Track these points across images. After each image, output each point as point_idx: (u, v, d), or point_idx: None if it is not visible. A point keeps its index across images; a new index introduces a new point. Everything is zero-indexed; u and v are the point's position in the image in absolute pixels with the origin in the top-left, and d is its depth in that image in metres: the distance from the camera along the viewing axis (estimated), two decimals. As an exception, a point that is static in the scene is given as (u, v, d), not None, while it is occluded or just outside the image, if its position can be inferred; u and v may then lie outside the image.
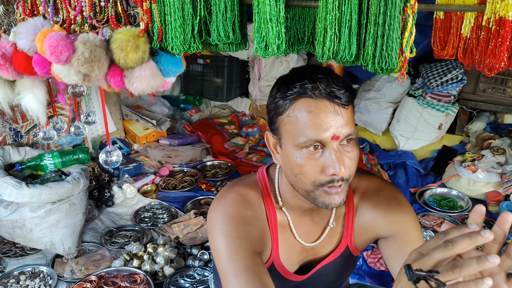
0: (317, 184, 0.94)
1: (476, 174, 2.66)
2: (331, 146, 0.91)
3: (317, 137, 0.90)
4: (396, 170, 3.09)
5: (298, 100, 0.92)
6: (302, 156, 0.93)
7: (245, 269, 0.95)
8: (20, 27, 1.11)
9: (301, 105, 0.91)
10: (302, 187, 0.97)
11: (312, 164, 0.92)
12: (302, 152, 0.92)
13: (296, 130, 0.92)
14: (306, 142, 0.91)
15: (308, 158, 0.92)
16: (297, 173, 0.95)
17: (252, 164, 3.27)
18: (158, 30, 1.03)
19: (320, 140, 0.90)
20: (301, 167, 0.93)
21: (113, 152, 1.33)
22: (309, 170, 0.93)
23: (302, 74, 0.94)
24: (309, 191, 0.96)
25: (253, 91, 3.92)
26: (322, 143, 0.91)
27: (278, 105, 0.95)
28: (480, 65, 0.86)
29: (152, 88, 1.08)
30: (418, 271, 0.59)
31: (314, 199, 0.97)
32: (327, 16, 0.89)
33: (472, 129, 3.22)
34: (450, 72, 3.05)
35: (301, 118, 0.91)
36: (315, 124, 0.90)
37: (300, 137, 0.91)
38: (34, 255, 2.14)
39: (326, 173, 0.92)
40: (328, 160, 0.91)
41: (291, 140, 0.94)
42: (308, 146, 0.92)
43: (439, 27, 0.91)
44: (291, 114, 0.93)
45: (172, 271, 2.03)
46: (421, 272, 0.59)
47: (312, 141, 0.90)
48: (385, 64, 0.89)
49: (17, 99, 1.33)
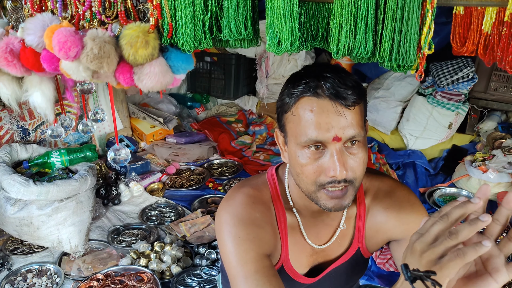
0: (318, 184, 0.92)
1: (487, 174, 2.62)
2: (332, 147, 0.88)
3: (318, 137, 0.88)
4: (405, 169, 3.05)
5: (301, 98, 0.90)
6: (304, 155, 0.91)
7: (254, 271, 0.93)
8: (28, 23, 1.10)
9: (304, 103, 0.90)
10: (305, 187, 0.95)
11: (313, 164, 0.91)
12: (304, 152, 0.91)
13: (298, 129, 0.91)
14: (307, 141, 0.89)
15: (310, 158, 0.90)
16: (299, 173, 0.94)
17: (259, 163, 3.25)
18: (168, 26, 1.00)
19: (321, 141, 0.88)
20: (302, 167, 0.92)
21: (121, 150, 1.32)
22: (309, 170, 0.91)
23: (311, 72, 0.92)
24: (311, 192, 0.94)
25: (260, 89, 3.89)
26: (323, 144, 0.89)
27: (284, 103, 0.94)
28: (501, 62, 0.83)
29: (162, 85, 1.05)
30: (415, 271, 0.60)
31: (316, 200, 0.95)
32: (343, 11, 0.87)
33: (483, 128, 3.17)
34: (461, 71, 3.01)
35: (303, 117, 0.90)
36: (316, 124, 0.88)
37: (302, 136, 0.90)
38: (41, 253, 2.13)
39: (327, 174, 0.89)
40: (329, 162, 0.89)
41: (294, 139, 0.93)
42: (309, 146, 0.90)
43: (458, 23, 0.87)
44: (294, 112, 0.92)
45: (179, 270, 2.01)
46: (418, 272, 0.60)
47: (313, 141, 0.89)
48: (402, 61, 0.86)
49: (25, 96, 1.32)
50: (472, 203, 0.63)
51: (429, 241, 0.64)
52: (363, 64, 3.38)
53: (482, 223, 0.61)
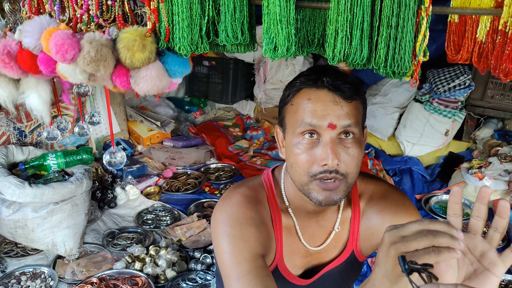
0: (310, 174, 0.93)
1: (483, 182, 2.63)
2: (327, 135, 0.90)
3: (312, 122, 0.90)
4: (402, 176, 3.06)
5: (301, 89, 0.94)
6: (298, 144, 0.93)
7: (248, 271, 0.93)
8: (25, 25, 1.10)
9: (303, 93, 0.94)
10: (298, 179, 0.96)
11: (307, 153, 0.93)
12: (299, 140, 0.93)
13: (295, 117, 0.94)
14: (302, 127, 0.92)
15: (304, 147, 0.93)
16: (293, 163, 0.96)
17: (256, 167, 3.25)
18: (165, 30, 1.01)
19: (315, 126, 0.91)
20: (296, 156, 0.94)
21: (117, 153, 1.32)
22: (303, 159, 0.93)
23: (313, 69, 0.97)
24: (303, 183, 0.95)
25: (258, 94, 3.90)
26: (317, 131, 0.91)
27: (285, 96, 0.99)
28: (495, 70, 0.84)
29: (158, 89, 1.06)
30: (413, 264, 0.60)
31: (308, 193, 0.95)
32: (339, 17, 0.87)
33: (479, 135, 3.18)
34: (457, 78, 3.02)
35: (301, 105, 0.93)
36: (312, 111, 0.91)
37: (298, 122, 0.93)
38: (36, 256, 2.12)
39: (319, 163, 0.91)
40: (322, 150, 0.91)
41: (291, 128, 0.96)
42: (304, 133, 0.92)
43: (453, 31, 0.88)
44: (293, 102, 0.95)
45: (174, 274, 2.01)
46: (416, 265, 0.60)
47: (307, 125, 0.91)
48: (397, 67, 0.86)
49: (22, 98, 1.32)
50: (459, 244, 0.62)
51: (401, 234, 0.64)
52: (360, 70, 3.39)
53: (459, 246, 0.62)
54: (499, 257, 0.65)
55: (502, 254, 0.65)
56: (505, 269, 0.65)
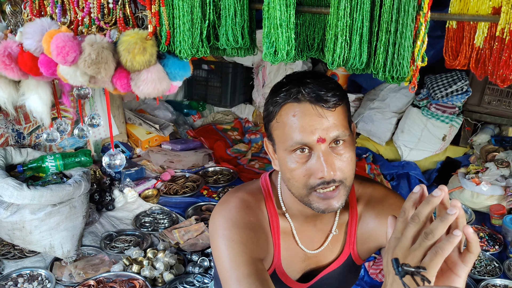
0: (308, 187, 0.93)
1: (480, 187, 2.64)
2: (318, 149, 0.91)
3: (302, 140, 0.90)
4: (399, 180, 3.06)
5: (284, 105, 0.93)
6: (292, 160, 0.93)
7: (247, 275, 0.94)
8: (27, 27, 1.11)
9: (287, 110, 0.93)
10: (297, 192, 0.97)
11: (302, 168, 0.93)
12: (292, 156, 0.93)
13: (284, 135, 0.94)
14: (293, 145, 0.92)
15: (298, 162, 0.93)
16: (289, 178, 0.96)
17: (254, 171, 3.25)
18: (166, 33, 1.02)
19: (306, 143, 0.91)
20: (292, 171, 0.94)
21: (116, 156, 1.32)
22: (299, 174, 0.93)
23: (292, 80, 0.95)
24: (303, 196, 0.96)
25: (256, 98, 3.91)
26: (309, 146, 0.91)
27: (269, 112, 0.97)
28: (492, 76, 0.85)
29: (159, 92, 1.06)
30: (407, 267, 0.61)
31: (309, 204, 0.96)
32: (338, 22, 0.88)
33: (476, 141, 3.20)
34: (455, 84, 3.04)
35: (287, 123, 0.92)
36: (300, 127, 0.90)
37: (288, 141, 0.92)
38: (33, 258, 2.12)
39: (316, 176, 0.91)
40: (316, 164, 0.91)
41: (281, 145, 0.95)
42: (295, 149, 0.92)
43: (451, 37, 0.89)
44: (279, 119, 0.94)
45: (172, 277, 2.00)
46: (409, 268, 0.61)
47: (298, 144, 0.91)
48: (396, 72, 0.87)
49: (22, 100, 1.32)
50: (435, 196, 0.64)
51: (408, 245, 0.65)
52: (359, 75, 3.41)
53: (452, 216, 0.62)
54: (459, 257, 0.66)
55: (462, 255, 0.66)
56: (468, 269, 0.66)
